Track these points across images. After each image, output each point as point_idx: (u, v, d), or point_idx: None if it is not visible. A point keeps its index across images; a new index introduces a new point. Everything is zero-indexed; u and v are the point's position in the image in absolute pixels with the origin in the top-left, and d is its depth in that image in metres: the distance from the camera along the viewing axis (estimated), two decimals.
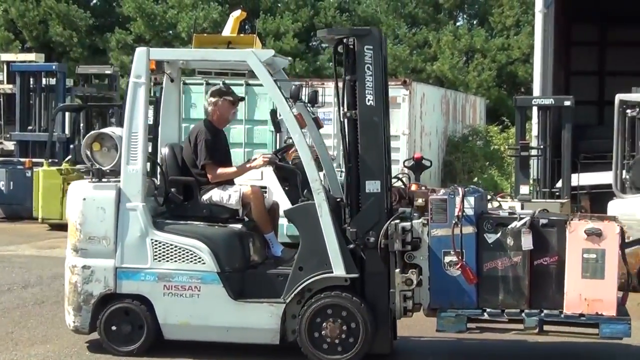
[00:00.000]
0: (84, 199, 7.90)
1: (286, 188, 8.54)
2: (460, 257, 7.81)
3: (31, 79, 19.65)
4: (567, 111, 14.55)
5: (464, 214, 7.81)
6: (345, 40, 8.08)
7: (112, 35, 30.23)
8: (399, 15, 34.42)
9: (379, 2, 35.09)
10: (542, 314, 7.80)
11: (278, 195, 9.09)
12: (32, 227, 17.22)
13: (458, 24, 36.29)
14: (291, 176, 8.55)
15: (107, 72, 20.07)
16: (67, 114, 19.33)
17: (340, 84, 8.44)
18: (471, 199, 8.04)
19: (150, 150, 8.78)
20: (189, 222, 8.10)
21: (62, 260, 10.25)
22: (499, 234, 7.94)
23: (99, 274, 7.81)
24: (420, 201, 8.31)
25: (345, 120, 8.11)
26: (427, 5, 34.78)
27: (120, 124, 18.33)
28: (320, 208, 7.74)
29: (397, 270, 7.71)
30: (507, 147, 18.74)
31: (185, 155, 8.42)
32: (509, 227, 7.86)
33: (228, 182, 8.47)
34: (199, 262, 7.88)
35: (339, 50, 8.17)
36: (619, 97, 12.39)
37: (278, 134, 12.75)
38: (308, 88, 8.96)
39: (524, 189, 13.90)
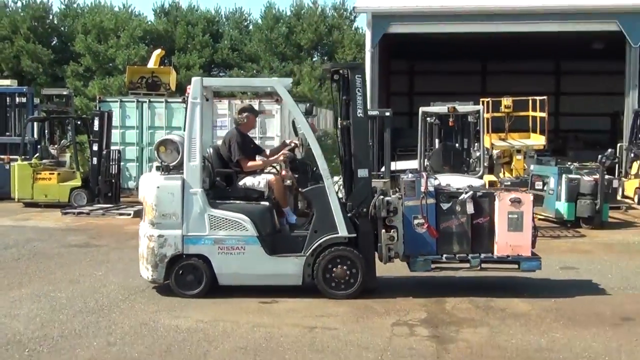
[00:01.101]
0: (158, 187, 8.43)
1: (296, 176, 9.07)
2: (426, 220, 8.52)
3: (8, 98, 20.85)
4: (387, 119, 14.97)
5: (428, 190, 8.56)
6: (341, 71, 8.71)
7: (68, 67, 29.80)
8: (273, 53, 34.58)
9: (259, 43, 35.14)
10: (481, 257, 8.63)
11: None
12: (10, 205, 17.91)
13: (314, 59, 36.48)
14: (302, 167, 9.09)
15: (64, 93, 20.31)
16: (35, 124, 20.82)
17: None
18: (431, 180, 8.89)
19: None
20: (233, 201, 8.58)
21: (34, 228, 10.19)
22: (450, 203, 8.68)
23: (170, 240, 8.35)
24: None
25: (342, 128, 8.71)
26: (292, 46, 35.32)
27: (76, 132, 18.68)
28: (328, 189, 8.44)
29: (383, 230, 8.45)
30: None
31: (223, 153, 9.02)
32: (459, 198, 8.63)
33: (256, 171, 9.02)
34: (243, 229, 8.40)
35: (334, 78, 8.78)
36: (421, 109, 12.97)
37: None
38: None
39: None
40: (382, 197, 8.40)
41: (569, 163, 16.61)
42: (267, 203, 8.66)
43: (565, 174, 14.84)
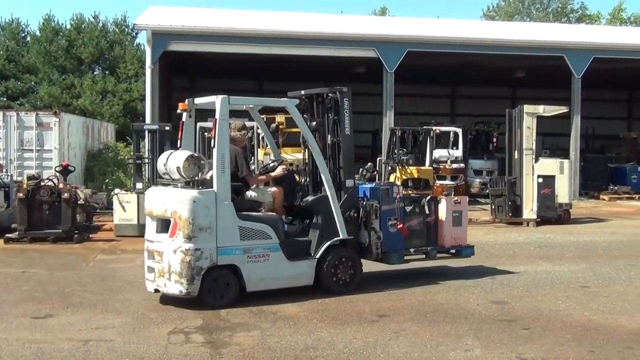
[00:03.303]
0: (194, 201, 8.19)
1: (285, 188, 9.30)
2: (399, 221, 9.57)
3: None
4: (167, 133, 14.53)
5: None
6: (331, 94, 9.33)
7: None
8: (52, 65, 32.70)
9: (37, 55, 33.22)
10: (435, 248, 10.08)
11: None
12: None
13: (95, 73, 35.16)
14: (289, 180, 9.50)
15: None
16: None
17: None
18: (400, 188, 10.36)
19: None
20: (257, 213, 8.80)
21: None
22: (412, 206, 10.05)
23: (206, 253, 8.20)
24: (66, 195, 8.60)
25: (332, 143, 9.32)
26: (72, 59, 33.54)
27: None
28: (331, 198, 9.02)
29: (372, 231, 9.26)
30: (128, 157, 18.49)
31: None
32: (421, 201, 10.12)
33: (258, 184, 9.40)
34: (268, 237, 8.63)
35: (326, 100, 9.39)
36: (199, 124, 12.84)
37: None
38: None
39: (139, 185, 13.80)
40: (371, 203, 9.30)
41: None
42: (275, 213, 9.03)
43: None
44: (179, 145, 9.10)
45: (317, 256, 8.91)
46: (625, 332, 7.29)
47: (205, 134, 14.10)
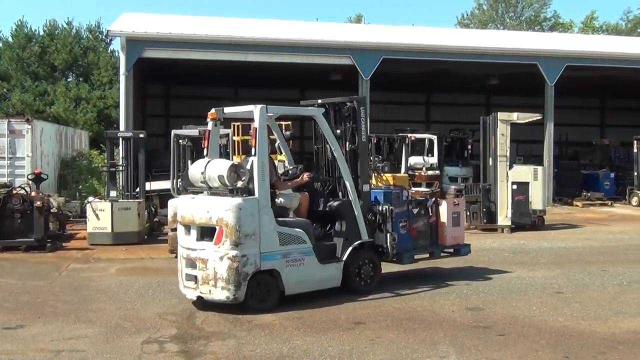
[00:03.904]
0: (240, 209, 8.33)
1: (306, 193, 9.58)
2: (409, 223, 10.11)
3: None
4: (141, 141, 14.60)
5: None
6: (348, 103, 9.64)
7: None
8: (25, 72, 32.34)
9: (10, 62, 33.07)
10: (438, 248, 10.75)
11: None
12: None
13: (69, 79, 34.78)
14: (310, 186, 9.73)
15: None
16: None
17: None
18: (409, 192, 11.05)
19: None
20: (290, 218, 9.05)
21: None
22: (418, 208, 10.56)
23: (252, 259, 8.39)
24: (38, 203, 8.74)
25: (349, 150, 9.64)
26: (46, 65, 33.23)
27: None
28: (354, 203, 9.39)
29: (389, 233, 9.65)
30: (102, 165, 18.31)
31: None
32: (426, 204, 10.73)
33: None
34: (303, 242, 8.88)
35: (343, 109, 9.73)
36: (173, 132, 12.73)
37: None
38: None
39: (113, 193, 13.62)
40: (386, 206, 9.69)
41: None
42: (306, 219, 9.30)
43: None
44: (205, 153, 9.31)
45: (344, 258, 9.27)
46: (599, 338, 7.35)
47: (180, 141, 13.97)
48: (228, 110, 9.33)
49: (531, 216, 17.11)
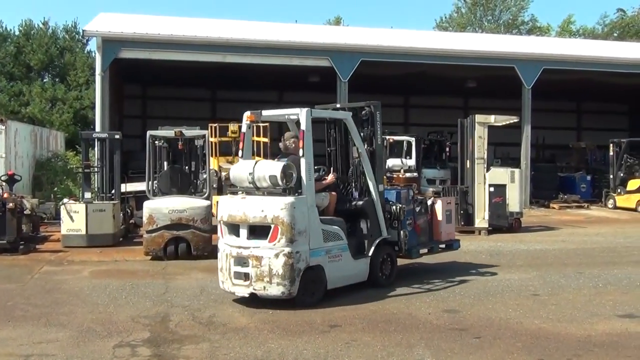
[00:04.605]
0: (294, 207, 8.69)
1: (334, 193, 9.93)
2: (414, 221, 10.82)
3: None
4: (117, 142, 14.53)
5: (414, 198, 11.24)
6: (366, 108, 10.17)
7: None
8: (0, 72, 31.98)
9: None
10: (435, 243, 11.39)
11: None
12: None
13: (45, 80, 34.39)
14: (333, 186, 10.07)
15: None
16: None
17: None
18: (414, 192, 11.65)
19: None
20: (329, 217, 9.44)
21: None
22: (420, 207, 11.21)
23: (303, 255, 8.76)
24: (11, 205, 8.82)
25: (366, 152, 10.02)
26: (21, 66, 32.95)
27: None
28: (375, 202, 9.96)
29: (402, 230, 10.28)
30: (77, 166, 18.09)
31: None
32: (428, 203, 11.50)
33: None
34: (340, 239, 9.37)
35: (360, 114, 10.18)
36: (149, 133, 12.64)
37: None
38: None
39: (88, 195, 13.43)
40: (399, 205, 10.32)
41: None
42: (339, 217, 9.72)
43: None
44: (240, 155, 9.71)
45: (370, 254, 9.81)
46: (574, 340, 7.34)
47: (156, 142, 13.76)
48: (266, 113, 9.76)
49: (508, 218, 17.14)
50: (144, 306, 8.84)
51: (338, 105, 10.28)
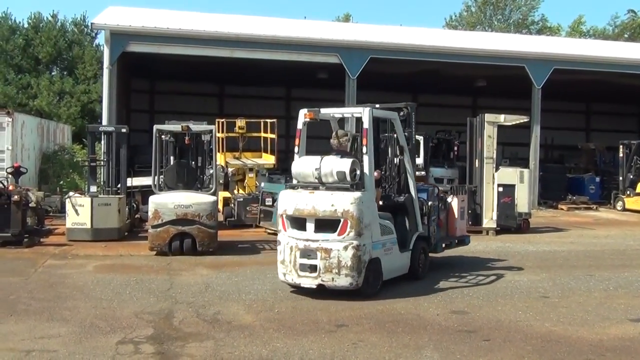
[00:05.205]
0: (362, 202, 9.10)
1: (379, 189, 10.23)
2: (438, 216, 11.28)
3: None
4: (123, 136, 14.32)
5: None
6: (404, 109, 10.63)
7: None
8: (8, 64, 32.02)
9: None
10: (451, 238, 11.88)
11: None
12: None
13: (53, 73, 34.40)
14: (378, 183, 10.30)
15: None
16: None
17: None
18: (438, 189, 11.94)
19: None
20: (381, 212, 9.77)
21: None
22: (441, 204, 11.63)
23: (368, 248, 9.16)
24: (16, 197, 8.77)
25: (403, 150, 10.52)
26: (29, 58, 32.96)
27: None
28: (414, 199, 10.48)
29: (431, 225, 10.83)
30: (83, 159, 18.03)
31: None
32: (448, 200, 12.04)
33: None
34: (392, 233, 9.81)
35: (400, 115, 10.53)
36: (155, 127, 12.54)
37: None
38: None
39: (93, 188, 13.35)
40: (430, 202, 10.89)
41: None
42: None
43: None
44: (296, 151, 9.94)
45: (411, 247, 10.27)
46: (586, 344, 7.20)
47: (163, 136, 13.61)
48: (324, 111, 10.01)
49: (517, 219, 16.98)
50: (148, 302, 8.73)
51: (377, 106, 10.29)
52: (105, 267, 11.42)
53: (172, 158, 13.86)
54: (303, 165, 9.62)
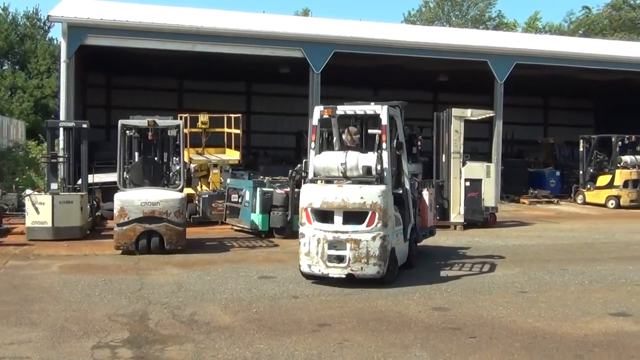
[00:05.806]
0: (387, 194, 9.60)
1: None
2: (429, 207, 12.44)
3: None
4: (84, 131, 13.97)
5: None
6: (396, 107, 10.76)
7: None
8: None
9: None
10: (424, 229, 12.28)
11: None
12: None
13: (4, 67, 33.45)
14: None
15: None
16: None
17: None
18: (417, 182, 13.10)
19: None
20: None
21: None
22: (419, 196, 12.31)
23: (390, 238, 9.65)
24: None
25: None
26: None
27: None
28: (409, 192, 10.90)
29: (417, 217, 11.55)
30: (41, 156, 17.46)
31: None
32: (422, 193, 12.47)
33: None
34: (400, 225, 10.33)
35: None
36: (120, 122, 12.17)
37: None
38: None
39: (54, 186, 12.94)
40: (414, 195, 11.36)
41: (261, 177, 16.87)
42: None
43: (259, 187, 15.07)
44: (312, 147, 10.36)
45: (409, 237, 10.79)
46: (572, 340, 7.16)
47: (127, 132, 13.23)
48: (341, 108, 10.27)
49: (484, 213, 17.07)
50: (120, 303, 8.42)
51: (372, 104, 10.44)
52: (71, 267, 11.02)
53: (136, 154, 13.48)
54: (328, 159, 10.14)
